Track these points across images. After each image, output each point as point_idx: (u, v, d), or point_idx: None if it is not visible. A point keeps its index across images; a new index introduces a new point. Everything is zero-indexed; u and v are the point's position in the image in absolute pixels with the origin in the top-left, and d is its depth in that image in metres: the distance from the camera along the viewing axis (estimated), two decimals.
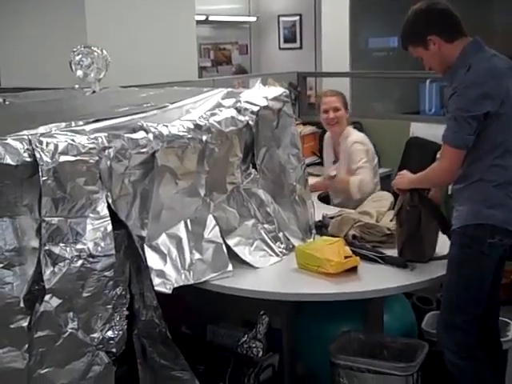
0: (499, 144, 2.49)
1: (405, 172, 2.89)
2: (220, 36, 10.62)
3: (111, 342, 2.34)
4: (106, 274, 2.30)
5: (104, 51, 3.48)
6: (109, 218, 2.35)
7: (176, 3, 4.77)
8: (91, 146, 2.35)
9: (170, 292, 2.48)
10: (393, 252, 2.80)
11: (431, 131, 4.80)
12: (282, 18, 10.21)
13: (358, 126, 5.03)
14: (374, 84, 7.65)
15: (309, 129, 5.05)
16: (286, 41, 10.25)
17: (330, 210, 3.40)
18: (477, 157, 2.50)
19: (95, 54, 3.46)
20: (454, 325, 2.54)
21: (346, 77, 6.76)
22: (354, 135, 3.90)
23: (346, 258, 2.62)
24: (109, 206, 2.38)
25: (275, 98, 3.02)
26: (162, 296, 2.49)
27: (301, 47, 10.04)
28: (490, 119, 2.45)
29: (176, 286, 2.51)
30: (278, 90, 3.10)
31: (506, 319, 3.21)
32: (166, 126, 2.62)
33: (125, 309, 2.38)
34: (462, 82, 2.47)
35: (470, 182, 2.53)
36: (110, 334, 2.34)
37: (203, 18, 9.30)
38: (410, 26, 2.68)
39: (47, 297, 2.20)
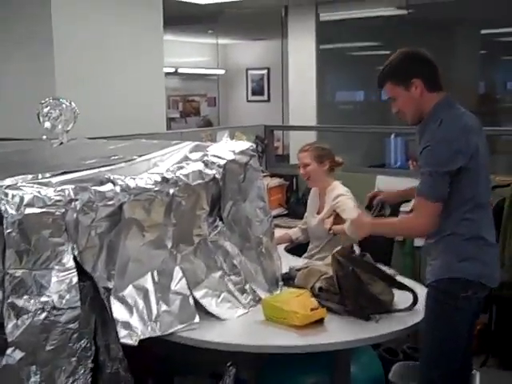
0: (469, 198, 2.55)
1: (358, 216, 2.90)
2: (189, 88, 10.75)
3: None
4: (71, 326, 2.29)
5: (72, 103, 3.50)
6: (74, 270, 2.35)
7: (145, 56, 4.83)
8: (58, 198, 2.37)
9: (135, 344, 2.46)
10: None
11: (396, 184, 4.88)
12: (250, 72, 10.38)
13: None
14: (341, 137, 7.78)
15: (276, 181, 5.12)
16: (254, 93, 10.41)
17: (297, 262, 3.42)
18: (448, 211, 2.53)
19: (63, 105, 3.47)
20: (431, 380, 2.56)
21: (312, 130, 6.87)
22: (340, 189, 3.97)
23: (312, 310, 2.63)
24: (75, 258, 2.38)
25: (242, 152, 3.06)
26: (128, 348, 2.47)
27: (268, 100, 10.20)
28: (461, 174, 2.50)
29: (142, 337, 2.49)
30: (244, 144, 3.14)
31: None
32: (134, 179, 2.65)
33: (89, 361, 2.36)
34: (434, 137, 2.51)
35: (441, 236, 2.57)
36: None
37: (172, 70, 9.42)
38: (396, 64, 2.70)
39: (9, 350, 2.18)
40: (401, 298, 2.83)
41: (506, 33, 8.02)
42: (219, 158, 2.98)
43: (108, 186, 2.55)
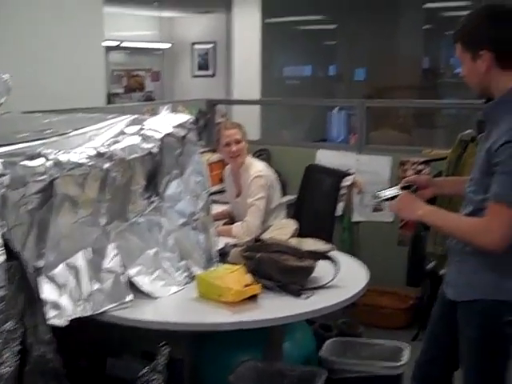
0: None
1: (412, 197, 2.45)
2: (133, 62, 10.56)
3: (0, 379, 2.25)
4: None
5: (5, 75, 3.39)
6: (2, 248, 2.28)
7: (83, 28, 4.72)
8: None
9: (64, 325, 2.41)
10: None
11: (337, 158, 4.92)
12: (195, 46, 10.25)
13: (266, 154, 5.11)
14: (285, 112, 7.80)
15: (217, 156, 5.08)
16: (199, 68, 10.29)
17: (233, 239, 3.41)
18: None
19: None
20: None
21: (254, 104, 6.85)
22: (255, 167, 3.93)
23: (246, 286, 2.63)
24: (2, 236, 2.31)
25: (180, 125, 3.01)
26: (60, 329, 2.42)
27: (214, 75, 10.10)
28: None
29: (73, 317, 2.45)
30: (183, 117, 3.09)
31: (402, 344, 3.31)
32: (67, 153, 2.58)
33: (17, 343, 2.29)
34: None
35: None
36: None
37: (115, 43, 9.24)
38: (470, 26, 2.26)
39: None
40: (329, 273, 2.82)
41: (448, 7, 8.10)
42: (156, 131, 2.93)
43: (39, 161, 2.47)
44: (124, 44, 9.54)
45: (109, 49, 8.90)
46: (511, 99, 2.21)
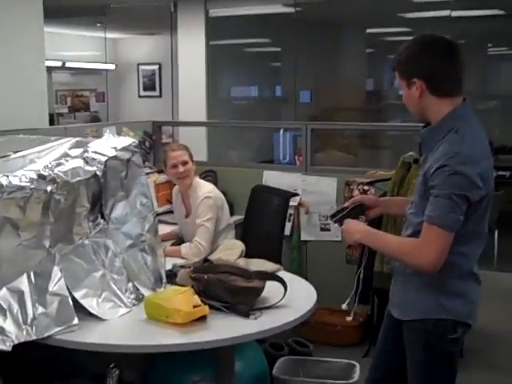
0: (470, 231, 2.24)
1: (350, 222, 2.50)
2: (78, 82, 10.50)
3: None
4: None
5: None
6: None
7: (24, 48, 4.63)
8: None
9: (9, 349, 2.36)
10: None
11: (283, 179, 4.95)
12: (141, 67, 10.24)
13: (213, 175, 5.10)
14: (232, 133, 7.83)
15: (164, 177, 5.03)
16: (145, 89, 10.28)
17: (181, 260, 3.39)
18: None
19: None
20: None
21: (199, 126, 6.86)
22: (203, 188, 3.91)
23: (194, 307, 2.61)
24: None
25: (124, 148, 2.99)
26: (6, 353, 2.36)
27: (160, 95, 10.09)
28: (472, 206, 2.18)
29: (16, 342, 2.39)
30: (126, 141, 3.07)
31: (353, 361, 3.33)
32: (7, 177, 2.54)
33: None
34: (457, 155, 2.15)
35: None
36: None
37: (59, 64, 9.16)
38: (406, 55, 2.31)
39: None
40: (278, 294, 2.81)
41: (390, 32, 8.31)
42: (100, 154, 2.90)
43: None
44: (68, 64, 9.49)
45: (52, 69, 8.84)
46: (445, 126, 2.25)
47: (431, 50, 2.29)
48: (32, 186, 2.57)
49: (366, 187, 4.65)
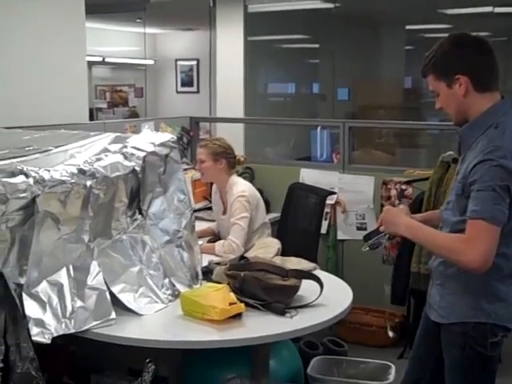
0: (510, 230, 2.17)
1: (393, 211, 2.47)
2: (117, 78, 10.58)
3: None
4: None
5: None
6: None
7: (65, 43, 4.68)
8: None
9: (48, 342, 2.39)
10: None
11: (321, 177, 4.93)
12: (179, 62, 10.28)
13: (250, 172, 5.11)
14: (269, 130, 7.80)
15: None
16: (183, 84, 10.32)
17: (217, 257, 3.40)
18: None
19: None
20: None
21: (236, 122, 6.86)
22: (238, 186, 3.91)
23: (230, 304, 2.61)
24: None
25: (162, 144, 3.00)
26: (42, 345, 2.39)
27: (198, 91, 10.12)
28: None
29: (56, 335, 2.42)
30: (165, 136, 3.09)
31: (389, 362, 3.30)
32: (48, 171, 2.56)
33: None
34: (499, 149, 2.12)
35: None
36: None
37: (99, 59, 9.24)
38: (441, 53, 2.28)
39: None
40: (313, 292, 2.80)
41: (429, 29, 8.19)
42: (139, 149, 2.92)
43: (20, 178, 2.45)
44: (107, 59, 9.56)
45: (92, 64, 8.92)
46: (484, 122, 2.23)
47: (466, 45, 2.28)
48: (72, 181, 2.59)
49: (403, 186, 4.61)
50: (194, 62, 10.12)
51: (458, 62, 2.25)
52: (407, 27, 8.51)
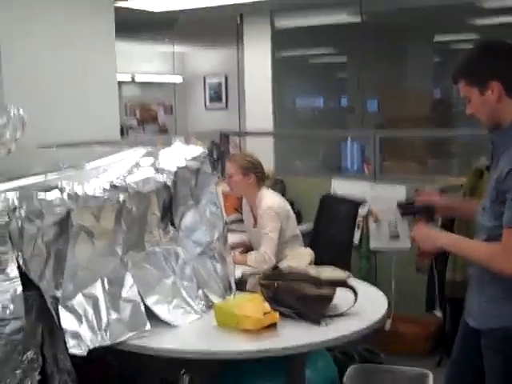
0: None
1: (428, 230, 2.50)
2: (146, 96, 10.67)
3: None
4: (15, 337, 2.23)
5: (21, 110, 3.43)
6: (19, 280, 2.29)
7: (97, 63, 4.78)
8: (0, 206, 2.30)
9: (84, 354, 2.41)
10: None
11: (352, 187, 4.92)
12: (207, 80, 10.35)
13: (281, 184, 5.12)
14: (298, 143, 7.81)
15: None
16: (211, 101, 10.37)
17: (250, 267, 3.40)
18: None
19: (11, 113, 3.41)
20: None
21: (265, 136, 6.89)
22: (268, 199, 3.91)
23: (265, 314, 2.61)
24: (19, 267, 2.32)
25: (194, 158, 3.03)
26: (78, 358, 2.41)
27: (226, 107, 10.16)
28: None
29: (91, 347, 2.44)
30: (196, 150, 3.11)
31: (426, 370, 3.26)
32: (82, 186, 2.60)
33: (36, 373, 2.30)
34: None
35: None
36: None
37: (129, 78, 9.36)
38: (472, 59, 2.32)
39: None
40: (347, 301, 2.79)
41: (458, 40, 8.15)
42: (170, 164, 2.95)
43: (55, 193, 2.50)
44: (137, 78, 9.66)
45: (123, 83, 9.03)
46: None
47: (497, 51, 2.30)
48: (105, 196, 2.63)
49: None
50: (223, 79, 10.17)
51: (490, 67, 2.26)
52: (436, 39, 8.47)
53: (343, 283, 2.87)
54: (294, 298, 2.70)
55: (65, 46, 4.52)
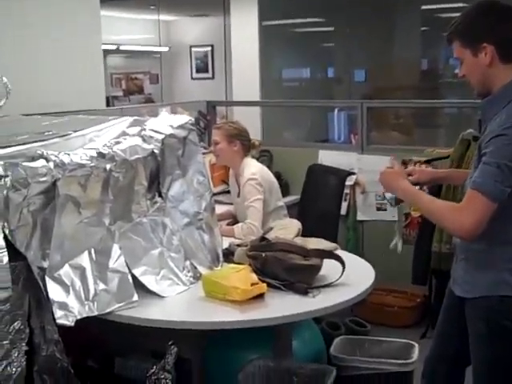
0: None
1: (391, 172, 2.52)
2: (131, 66, 10.59)
3: (9, 379, 2.23)
4: (2, 307, 2.21)
5: (4, 78, 3.38)
6: (5, 250, 2.26)
7: (81, 32, 4.71)
8: None
9: (72, 324, 2.39)
10: None
11: (339, 158, 4.91)
12: (193, 49, 10.27)
13: (268, 155, 5.10)
14: (286, 113, 7.79)
15: None
16: (198, 71, 10.31)
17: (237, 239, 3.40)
18: (506, 215, 2.15)
19: None
20: None
21: (254, 106, 6.85)
22: (250, 169, 3.89)
23: (252, 285, 2.61)
24: (5, 237, 2.29)
25: (180, 126, 2.99)
26: (66, 328, 2.40)
27: (213, 77, 10.11)
28: None
29: (79, 317, 2.43)
30: (183, 118, 3.07)
31: (411, 341, 3.29)
32: (68, 155, 2.56)
33: (24, 344, 2.28)
34: None
35: (492, 244, 2.21)
36: (7, 370, 2.24)
37: (114, 47, 9.25)
38: (467, 19, 2.24)
39: None
40: (335, 272, 2.79)
41: (445, 8, 8.10)
42: (157, 132, 2.91)
43: (40, 162, 2.46)
44: (122, 47, 9.57)
45: (107, 52, 8.93)
46: (506, 95, 2.19)
47: (495, 12, 2.22)
48: (92, 164, 2.59)
49: (423, 166, 4.57)
50: (209, 48, 10.10)
51: (485, 30, 2.20)
52: (423, 7, 8.42)
53: (331, 254, 2.87)
54: (282, 269, 2.70)
55: (50, 15, 4.44)
